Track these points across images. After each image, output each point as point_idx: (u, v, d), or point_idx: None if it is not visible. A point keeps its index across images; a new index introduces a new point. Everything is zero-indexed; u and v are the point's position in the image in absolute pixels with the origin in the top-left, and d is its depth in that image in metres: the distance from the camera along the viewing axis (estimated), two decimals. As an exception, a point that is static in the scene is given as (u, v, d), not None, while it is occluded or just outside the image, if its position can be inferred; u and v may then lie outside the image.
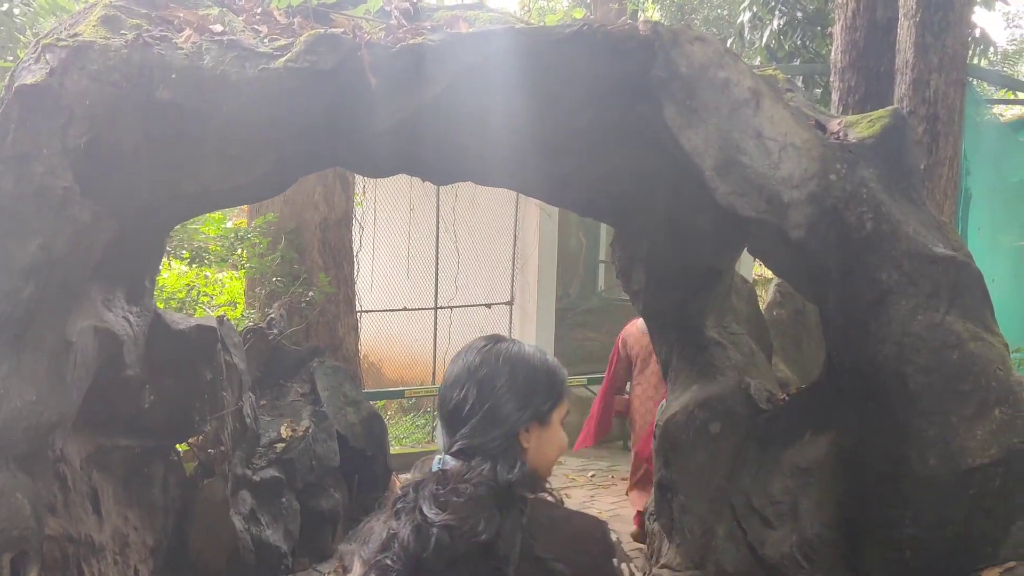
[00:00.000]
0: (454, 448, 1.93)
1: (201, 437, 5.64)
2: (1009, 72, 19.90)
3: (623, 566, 1.90)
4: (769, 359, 5.23)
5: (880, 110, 3.60)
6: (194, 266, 8.13)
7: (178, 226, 6.56)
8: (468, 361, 1.98)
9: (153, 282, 5.37)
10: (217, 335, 5.59)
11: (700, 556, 4.03)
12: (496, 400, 1.93)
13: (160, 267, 5.70)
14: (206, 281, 8.27)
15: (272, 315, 7.20)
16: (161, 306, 5.89)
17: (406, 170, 4.79)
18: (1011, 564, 3.32)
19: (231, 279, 8.83)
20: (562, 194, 5.17)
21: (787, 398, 4.31)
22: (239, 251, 7.91)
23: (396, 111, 3.30)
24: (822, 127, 3.53)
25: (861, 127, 3.50)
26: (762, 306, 5.71)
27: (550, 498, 1.96)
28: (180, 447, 5.67)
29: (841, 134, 3.48)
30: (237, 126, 3.17)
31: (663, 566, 4.26)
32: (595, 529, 1.94)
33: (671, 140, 3.47)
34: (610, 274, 13.18)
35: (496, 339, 2.04)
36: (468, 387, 1.94)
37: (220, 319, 5.82)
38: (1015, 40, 24.82)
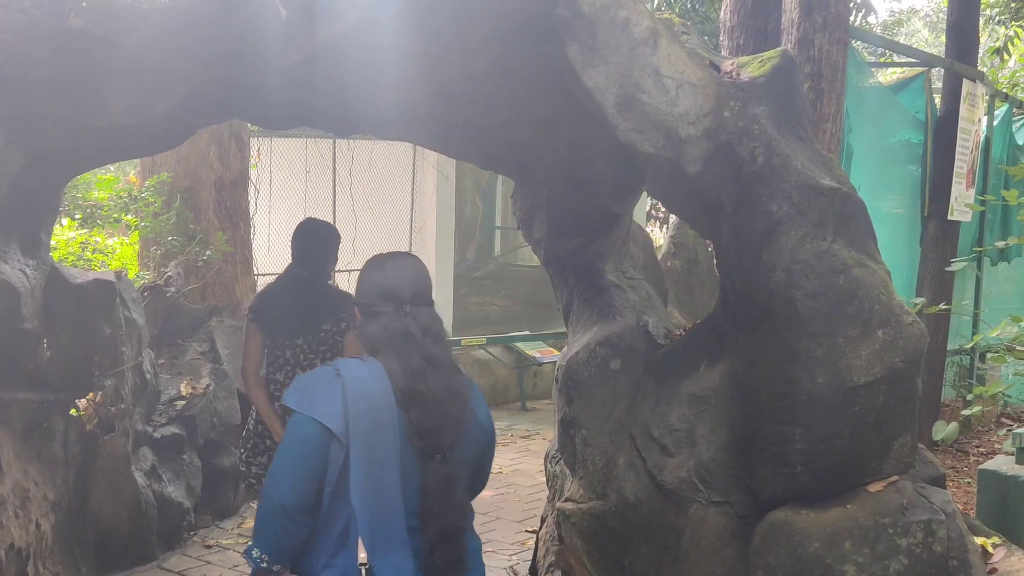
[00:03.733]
0: None
1: (101, 393, 5.59)
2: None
3: None
4: (664, 306, 5.40)
5: (770, 51, 3.76)
6: (83, 231, 7.97)
7: (69, 184, 6.44)
8: None
9: (49, 236, 5.29)
10: (115, 289, 5.54)
11: (602, 486, 4.17)
12: None
13: (54, 223, 5.61)
14: (96, 246, 8.12)
15: (169, 273, 7.12)
16: (55, 264, 5.78)
17: (304, 119, 4.79)
18: (894, 478, 3.53)
19: (122, 244, 8.68)
20: (462, 145, 5.22)
21: (683, 333, 4.48)
22: (131, 212, 7.78)
23: (304, 45, 3.33)
24: (716, 67, 3.67)
25: (753, 67, 3.66)
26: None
27: None
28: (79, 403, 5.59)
29: (734, 73, 3.64)
30: (148, 55, 3.16)
31: (567, 499, 4.40)
32: None
33: (574, 79, 3.57)
34: (507, 240, 13.32)
35: None
36: None
37: (118, 273, 5.75)
38: (895, 13, 25.72)
